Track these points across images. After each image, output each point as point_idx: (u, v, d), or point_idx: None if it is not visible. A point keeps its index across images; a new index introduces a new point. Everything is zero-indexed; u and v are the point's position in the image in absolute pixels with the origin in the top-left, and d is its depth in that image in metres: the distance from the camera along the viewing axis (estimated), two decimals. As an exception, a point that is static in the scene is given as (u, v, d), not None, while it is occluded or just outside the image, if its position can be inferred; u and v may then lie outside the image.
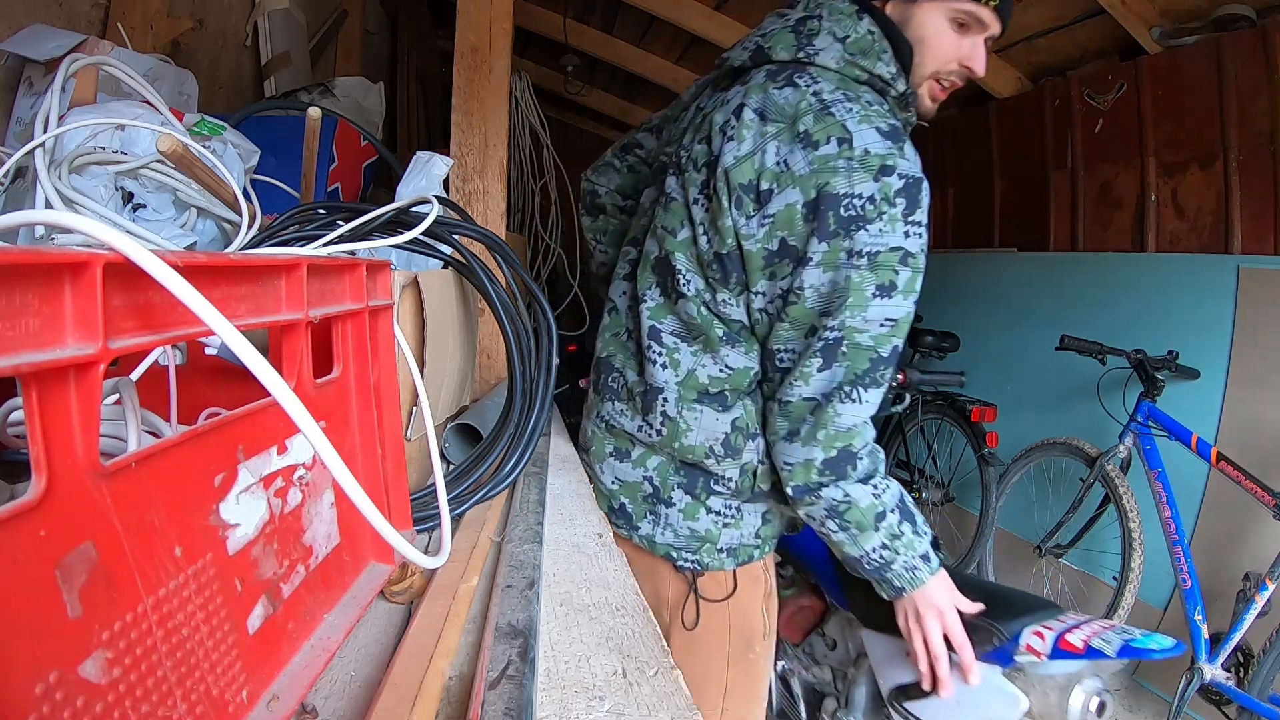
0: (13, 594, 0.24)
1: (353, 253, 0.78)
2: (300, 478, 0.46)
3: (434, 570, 0.63)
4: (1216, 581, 1.85)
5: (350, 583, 0.54)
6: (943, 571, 0.93)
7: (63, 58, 0.96)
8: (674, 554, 0.99)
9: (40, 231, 0.81)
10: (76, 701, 0.27)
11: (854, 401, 0.83)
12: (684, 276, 0.92)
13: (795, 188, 0.81)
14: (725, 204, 0.85)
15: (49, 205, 0.82)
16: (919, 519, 0.92)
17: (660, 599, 1.03)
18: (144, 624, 0.31)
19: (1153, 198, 2.37)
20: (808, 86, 0.83)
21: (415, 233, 0.82)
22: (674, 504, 0.98)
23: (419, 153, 1.12)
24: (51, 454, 0.26)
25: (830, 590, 1.36)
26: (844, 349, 0.82)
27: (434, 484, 0.65)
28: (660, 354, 0.95)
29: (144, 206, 0.93)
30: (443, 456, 0.98)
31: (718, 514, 0.98)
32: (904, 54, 0.88)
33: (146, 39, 1.51)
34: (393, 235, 0.82)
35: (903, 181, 0.79)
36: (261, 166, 1.19)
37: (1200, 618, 1.75)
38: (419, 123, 3.54)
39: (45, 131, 0.86)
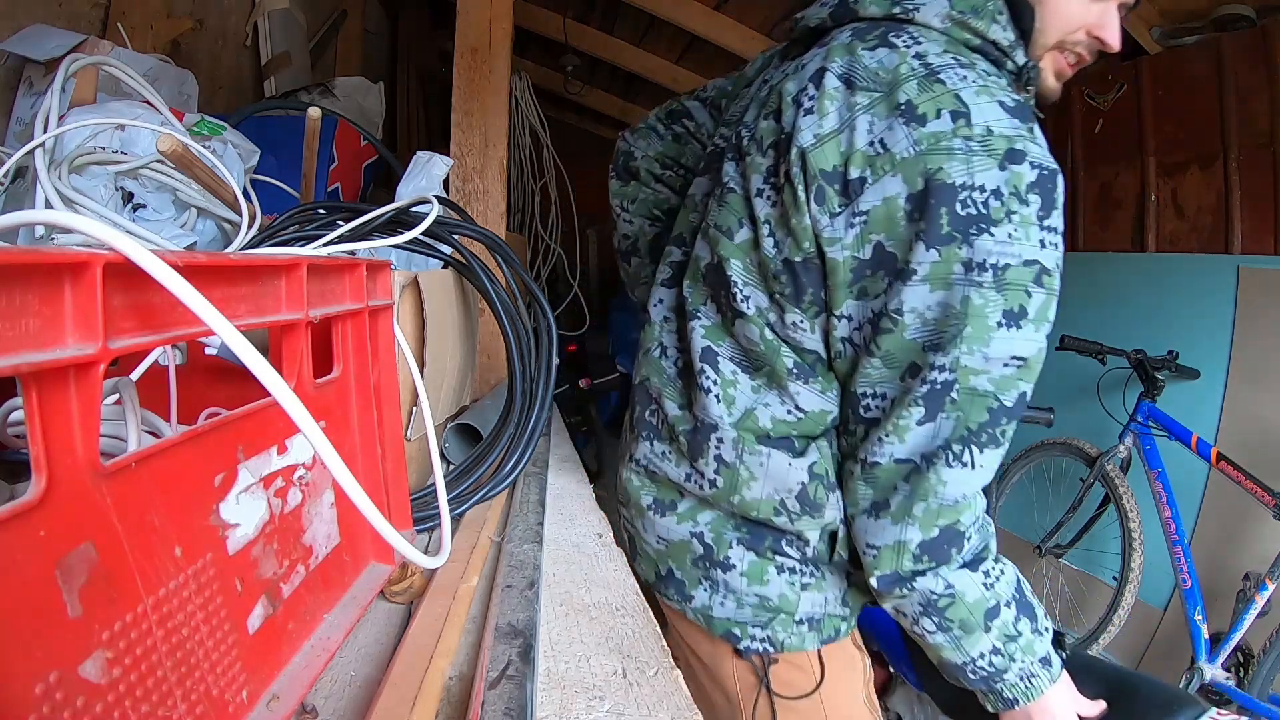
0: (13, 594, 0.24)
1: (353, 253, 0.78)
2: (300, 478, 0.46)
3: (434, 570, 0.63)
4: (1216, 581, 1.85)
5: (350, 583, 0.54)
6: (1064, 675, 0.72)
7: (63, 58, 0.96)
8: (736, 631, 0.77)
9: (40, 231, 0.81)
10: (76, 701, 0.27)
11: (964, 466, 0.63)
12: (740, 291, 0.73)
13: (895, 175, 0.62)
14: (801, 197, 0.66)
15: (49, 205, 0.82)
16: (1039, 610, 0.71)
17: (727, 699, 0.81)
18: (144, 624, 0.31)
19: (1153, 198, 2.37)
20: (908, 47, 0.65)
21: (415, 233, 0.82)
22: (733, 565, 0.77)
23: (419, 153, 1.12)
24: (51, 454, 0.26)
25: (899, 663, 1.12)
26: (954, 395, 0.62)
27: (434, 484, 0.65)
28: (715, 382, 0.75)
29: (144, 206, 0.93)
30: (443, 456, 0.98)
31: (793, 572, 0.76)
32: (1023, 19, 0.71)
33: (146, 39, 1.51)
34: (393, 235, 0.82)
35: (1036, 173, 0.60)
36: (261, 166, 1.19)
37: (1200, 618, 1.75)
38: (419, 123, 3.54)
39: (45, 131, 0.86)
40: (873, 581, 0.69)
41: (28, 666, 0.25)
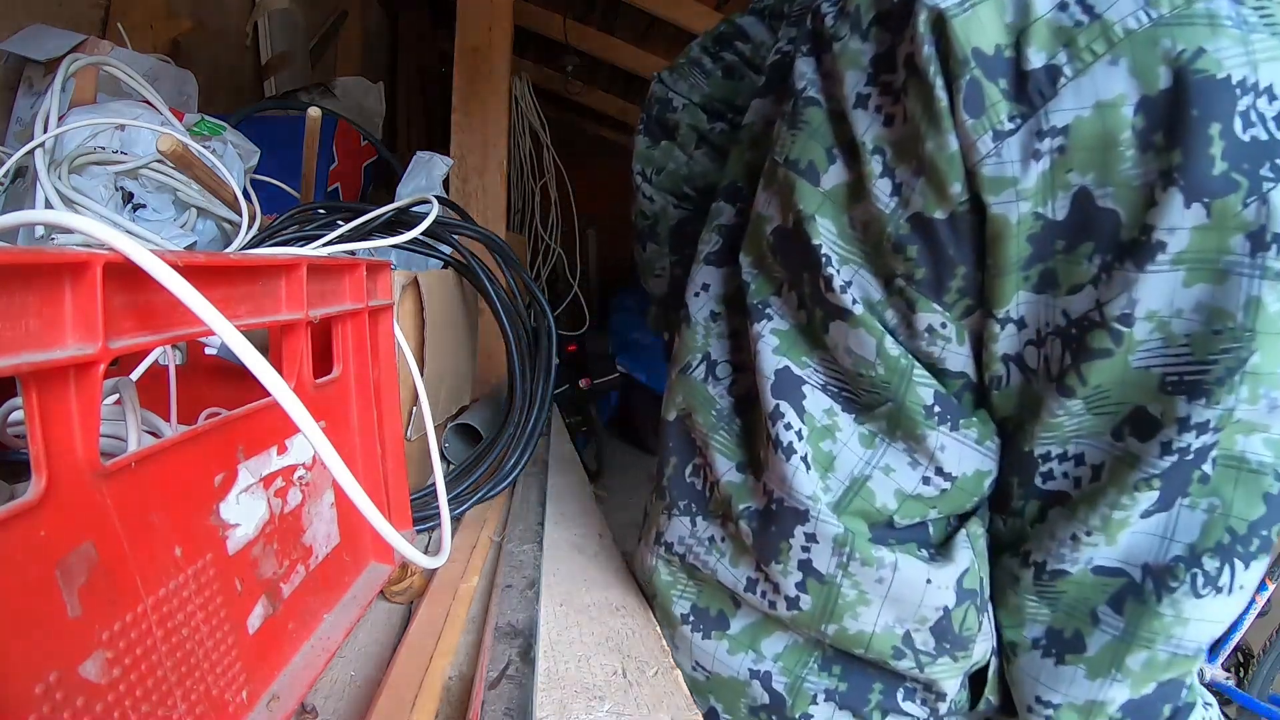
0: (13, 594, 0.24)
1: (353, 253, 0.78)
2: (300, 478, 0.46)
3: (434, 570, 0.63)
4: (1216, 581, 1.85)
5: (350, 583, 0.54)
6: None
7: (63, 58, 0.96)
8: None
9: (40, 231, 0.81)
10: (76, 701, 0.27)
11: (1217, 591, 0.39)
12: (837, 272, 0.44)
13: (1115, 61, 0.34)
14: (940, 101, 0.37)
15: (49, 205, 0.82)
16: None
17: None
18: (144, 624, 0.31)
19: (1153, 198, 2.37)
20: None
21: (415, 233, 0.82)
22: None
23: (419, 153, 1.12)
24: (51, 454, 0.26)
25: None
26: (1208, 469, 0.38)
27: (434, 484, 0.65)
28: (800, 432, 0.47)
29: (144, 206, 0.93)
30: (443, 456, 0.98)
31: None
32: None
33: (146, 39, 1.51)
34: (393, 235, 0.82)
35: None
36: (261, 166, 1.19)
37: (1200, 618, 1.75)
38: (419, 123, 3.54)
39: (45, 131, 0.86)
40: None
41: (28, 666, 0.25)
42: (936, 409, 0.44)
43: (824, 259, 0.44)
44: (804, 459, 0.46)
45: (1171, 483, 0.38)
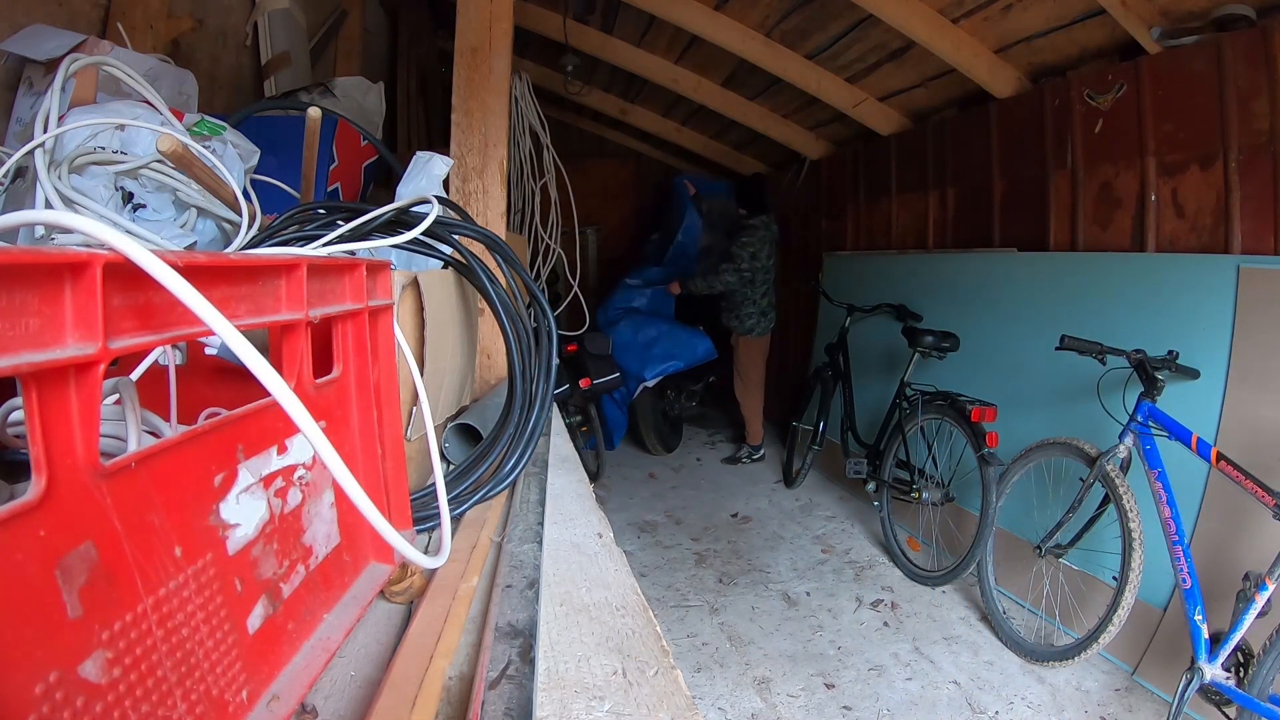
0: (13, 594, 0.24)
1: (353, 253, 0.78)
2: (300, 478, 0.46)
3: (434, 570, 0.63)
4: (1216, 581, 1.84)
5: (350, 583, 0.54)
6: None
7: (63, 58, 0.96)
8: None
9: (40, 231, 0.81)
10: (76, 701, 0.27)
11: None
12: None
13: None
14: None
15: (49, 205, 0.82)
16: None
17: None
18: (144, 624, 0.31)
19: (1153, 198, 2.37)
20: None
21: (415, 233, 0.82)
22: None
23: (419, 153, 1.12)
24: (51, 454, 0.26)
25: None
26: None
27: (434, 484, 0.65)
28: None
29: (144, 206, 0.93)
30: (443, 456, 0.98)
31: None
32: None
33: (146, 39, 1.51)
34: (393, 235, 0.82)
35: None
36: (261, 166, 1.19)
37: (1200, 618, 1.75)
38: (419, 123, 3.54)
39: (45, 131, 0.86)
40: None
41: (28, 666, 0.25)
42: None
43: None
44: None
45: None
